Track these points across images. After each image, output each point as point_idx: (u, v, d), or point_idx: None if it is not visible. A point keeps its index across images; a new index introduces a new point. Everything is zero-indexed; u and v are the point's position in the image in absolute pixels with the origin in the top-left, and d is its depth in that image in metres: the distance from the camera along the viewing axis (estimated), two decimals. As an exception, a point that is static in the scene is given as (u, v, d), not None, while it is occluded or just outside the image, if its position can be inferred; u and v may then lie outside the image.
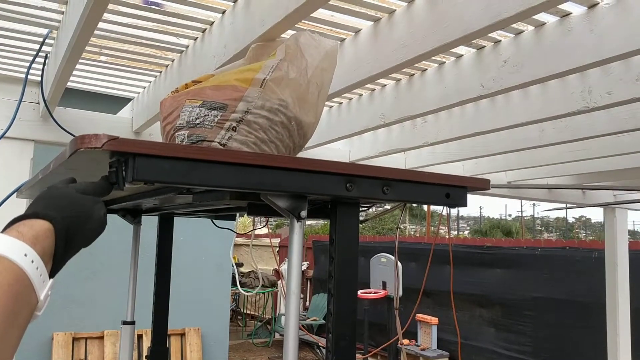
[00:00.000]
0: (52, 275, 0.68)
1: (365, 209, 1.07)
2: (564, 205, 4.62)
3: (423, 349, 7.97)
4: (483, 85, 1.96)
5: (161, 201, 1.41)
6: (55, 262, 0.68)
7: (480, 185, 1.03)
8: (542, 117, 2.22)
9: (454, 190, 1.00)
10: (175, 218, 1.97)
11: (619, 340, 4.51)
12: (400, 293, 8.27)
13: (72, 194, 0.76)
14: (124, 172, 0.76)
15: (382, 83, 2.45)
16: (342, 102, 2.76)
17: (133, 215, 1.74)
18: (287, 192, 0.87)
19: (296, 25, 1.73)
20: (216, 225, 1.86)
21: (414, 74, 2.30)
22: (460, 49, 2.05)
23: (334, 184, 0.89)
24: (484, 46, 1.98)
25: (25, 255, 0.59)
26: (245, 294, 7.76)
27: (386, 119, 2.42)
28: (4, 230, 0.63)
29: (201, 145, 1.09)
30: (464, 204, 1.01)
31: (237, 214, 1.74)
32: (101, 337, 5.55)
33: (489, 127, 2.46)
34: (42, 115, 2.55)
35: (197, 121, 1.24)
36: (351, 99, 2.69)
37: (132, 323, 1.91)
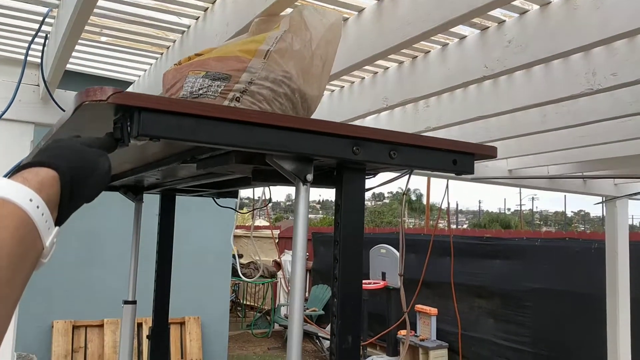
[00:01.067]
0: (57, 224, 0.67)
1: (371, 175, 1.06)
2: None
3: (422, 340, 7.98)
4: (487, 66, 1.95)
5: (163, 175, 1.40)
6: (61, 212, 0.67)
7: (488, 152, 1.02)
8: (546, 99, 2.21)
9: (461, 157, 0.99)
10: (177, 199, 1.96)
11: (618, 330, 4.51)
12: (399, 284, 8.27)
13: (77, 146, 0.75)
14: (129, 128, 0.75)
15: (385, 65, 2.44)
16: (343, 86, 2.74)
17: (134, 192, 1.73)
18: (292, 153, 0.86)
19: (297, 3, 1.71)
20: (218, 204, 1.85)
21: (417, 56, 2.29)
22: (464, 30, 2.04)
23: (340, 146, 0.88)
24: (488, 27, 1.97)
25: (31, 200, 0.59)
26: (247, 280, 7.76)
27: (389, 102, 2.41)
28: (8, 177, 0.62)
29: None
30: (471, 171, 1.00)
31: (239, 191, 1.73)
32: (101, 326, 5.56)
33: (491, 110, 2.45)
34: (42, 98, 2.54)
35: (201, 92, 1.23)
36: (353, 82, 2.67)
37: (134, 302, 1.91)
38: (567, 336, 6.61)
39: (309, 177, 0.90)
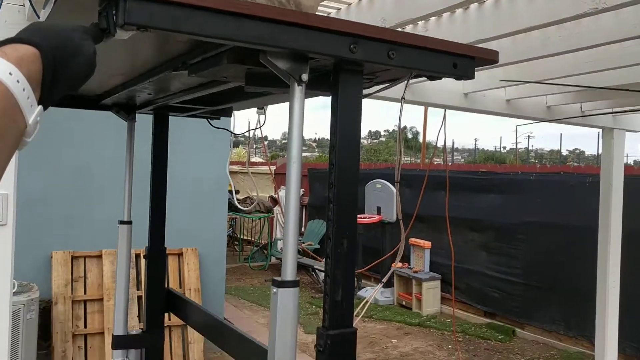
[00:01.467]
0: (40, 104, 0.64)
1: (369, 80, 1.03)
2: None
3: (415, 272, 8.17)
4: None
5: (155, 88, 1.36)
6: (43, 92, 0.64)
7: (489, 57, 0.98)
8: (548, 20, 2.15)
9: (461, 61, 0.96)
10: (170, 130, 1.93)
11: (608, 262, 4.58)
12: (394, 218, 8.36)
13: (59, 27, 0.72)
14: (114, 16, 0.71)
15: (383, -15, 2.35)
16: (340, 7, 2.66)
17: (127, 111, 1.70)
18: (286, 49, 0.83)
19: None
20: (212, 125, 1.82)
21: (417, -26, 2.20)
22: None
23: (337, 43, 0.84)
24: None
25: (10, 74, 0.56)
26: (244, 214, 7.83)
27: (387, 23, 2.34)
28: None
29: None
30: (471, 76, 0.97)
31: (233, 114, 1.70)
32: (99, 256, 5.63)
33: (492, 33, 2.38)
34: (29, 18, 2.45)
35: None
36: (350, 3, 2.59)
37: (129, 222, 1.91)
38: (558, 268, 6.76)
39: (304, 77, 0.87)
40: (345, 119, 0.95)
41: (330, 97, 0.98)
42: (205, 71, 0.97)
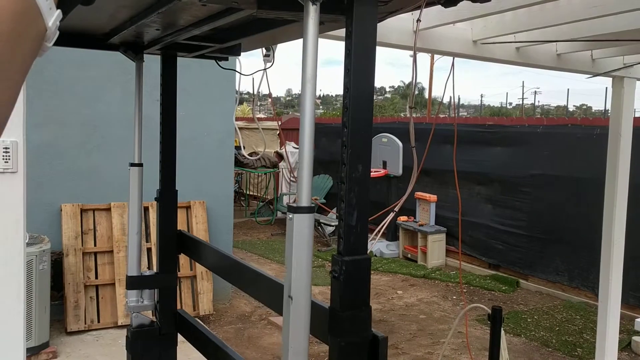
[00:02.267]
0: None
1: (384, 3, 1.02)
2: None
3: (421, 225, 8.24)
4: None
5: (163, 23, 1.35)
6: None
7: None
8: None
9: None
10: (177, 79, 1.92)
11: (614, 214, 4.57)
12: (400, 172, 8.38)
13: None
14: None
15: None
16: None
17: (135, 51, 1.69)
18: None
19: None
20: (220, 67, 1.81)
21: None
22: None
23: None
24: None
25: None
26: (249, 158, 7.86)
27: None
28: None
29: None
30: (487, -3, 0.96)
31: (242, 50, 1.68)
32: (108, 209, 5.69)
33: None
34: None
35: None
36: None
37: (140, 165, 1.92)
38: (562, 221, 6.80)
39: (318, -5, 0.86)
40: (360, 42, 0.94)
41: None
42: (216, -5, 0.96)
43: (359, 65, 0.96)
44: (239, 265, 1.72)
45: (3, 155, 2.10)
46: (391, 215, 4.16)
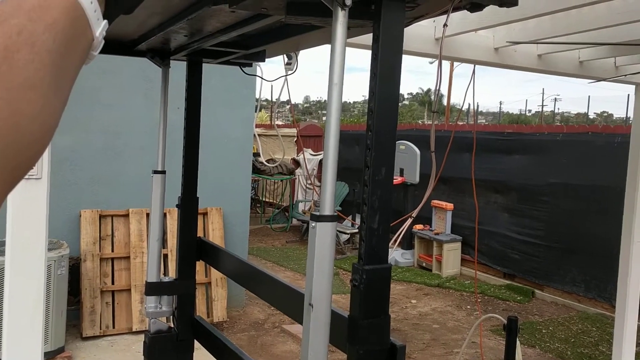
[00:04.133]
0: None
1: (410, 8, 1.02)
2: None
3: (437, 233, 8.18)
4: None
5: (191, 29, 1.36)
6: (108, 7, 0.65)
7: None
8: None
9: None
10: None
11: (634, 224, 4.50)
12: (417, 180, 8.34)
13: None
14: None
15: None
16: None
17: (161, 57, 1.70)
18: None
19: None
20: (244, 72, 1.82)
21: None
22: None
23: (382, -35, 0.83)
24: None
25: None
26: (267, 164, 7.89)
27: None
28: None
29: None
30: (515, 2, 0.96)
31: (267, 56, 1.69)
32: (126, 215, 5.73)
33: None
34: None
35: None
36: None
37: (163, 172, 1.94)
38: (580, 230, 6.71)
39: (348, 0, 0.86)
40: (388, 47, 0.94)
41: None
42: (247, 1, 0.97)
43: (385, 70, 0.96)
44: (257, 272, 1.73)
45: (28, 160, 2.12)
46: (408, 221, 4.13)
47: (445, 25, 1.12)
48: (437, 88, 1.50)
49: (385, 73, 0.95)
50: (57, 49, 0.52)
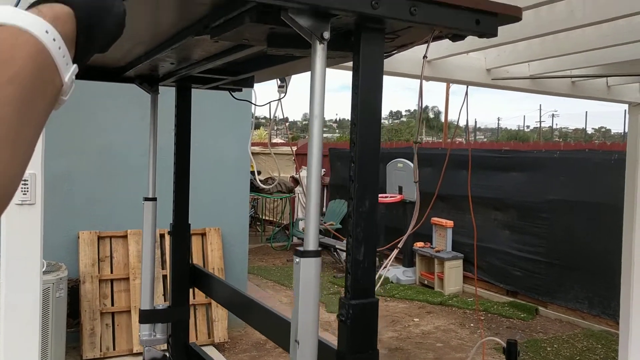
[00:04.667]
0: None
1: (390, 39, 1.03)
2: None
3: (437, 251, 8.15)
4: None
5: (178, 57, 1.37)
6: (77, 51, 0.65)
7: (512, 13, 0.97)
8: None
9: (484, 17, 0.95)
10: (192, 108, 1.94)
11: (634, 240, 4.48)
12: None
13: None
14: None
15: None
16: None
17: (150, 83, 1.72)
18: (308, 4, 0.82)
19: None
20: (234, 97, 1.83)
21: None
22: None
23: (358, -1, 0.84)
24: None
25: (47, 32, 0.56)
26: (265, 187, 7.88)
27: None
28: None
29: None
30: (494, 33, 0.97)
31: (255, 81, 1.71)
32: (125, 236, 5.73)
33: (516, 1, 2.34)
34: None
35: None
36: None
37: (154, 199, 1.94)
38: (581, 246, 6.68)
39: (326, 34, 0.87)
40: (367, 78, 0.95)
41: (350, 72, 0.98)
42: (228, 33, 0.98)
43: (366, 100, 0.96)
44: (250, 302, 1.72)
45: (22, 187, 2.13)
46: (404, 237, 4.12)
47: (424, 57, 1.13)
48: (419, 118, 1.49)
49: (366, 103, 0.95)
50: (22, 98, 0.52)
